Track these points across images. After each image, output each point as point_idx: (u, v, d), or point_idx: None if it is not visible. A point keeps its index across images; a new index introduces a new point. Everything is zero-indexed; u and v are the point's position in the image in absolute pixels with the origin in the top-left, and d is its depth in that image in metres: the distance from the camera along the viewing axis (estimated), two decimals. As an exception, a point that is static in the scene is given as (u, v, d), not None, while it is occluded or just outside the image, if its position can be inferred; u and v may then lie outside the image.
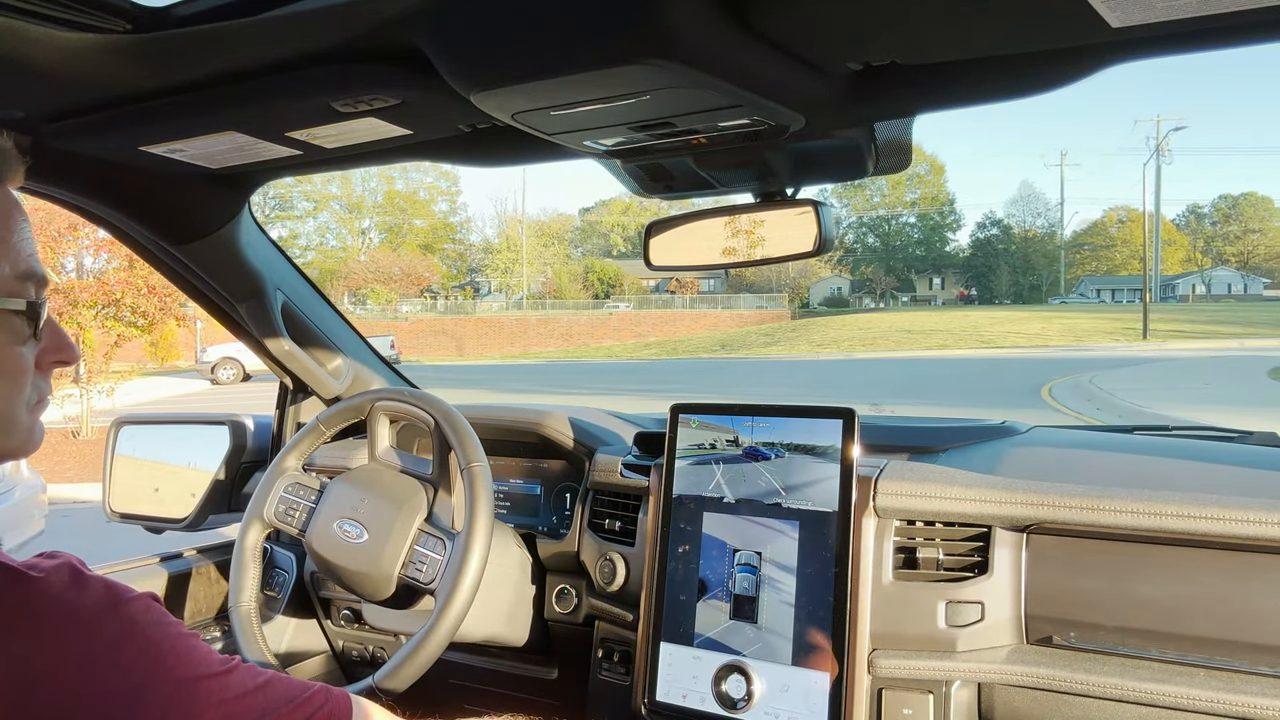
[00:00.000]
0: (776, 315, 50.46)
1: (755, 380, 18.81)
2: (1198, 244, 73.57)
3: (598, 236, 78.63)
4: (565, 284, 61.19)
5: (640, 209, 79.03)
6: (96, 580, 0.75)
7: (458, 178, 67.06)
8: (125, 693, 0.72)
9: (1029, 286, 68.43)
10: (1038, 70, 0.95)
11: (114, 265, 10.80)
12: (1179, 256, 72.36)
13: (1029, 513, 1.20)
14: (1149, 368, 18.30)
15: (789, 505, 1.28)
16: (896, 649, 1.23)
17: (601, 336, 42.33)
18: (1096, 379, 15.37)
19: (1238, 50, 0.92)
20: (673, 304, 54.72)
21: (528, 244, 60.81)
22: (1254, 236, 71.17)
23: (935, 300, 68.58)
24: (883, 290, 67.28)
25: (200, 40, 0.93)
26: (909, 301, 67.94)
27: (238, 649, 1.44)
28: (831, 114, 1.07)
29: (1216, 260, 70.78)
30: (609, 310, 49.39)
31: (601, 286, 63.36)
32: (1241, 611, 1.11)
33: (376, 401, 1.50)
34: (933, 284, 71.06)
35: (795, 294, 64.70)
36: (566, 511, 1.73)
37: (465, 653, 1.76)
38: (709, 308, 52.45)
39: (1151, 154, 47.89)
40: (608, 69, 0.87)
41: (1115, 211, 73.14)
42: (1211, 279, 65.03)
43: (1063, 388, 14.85)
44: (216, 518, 1.89)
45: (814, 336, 34.53)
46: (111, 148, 1.24)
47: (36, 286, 0.79)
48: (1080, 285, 67.28)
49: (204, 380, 20.90)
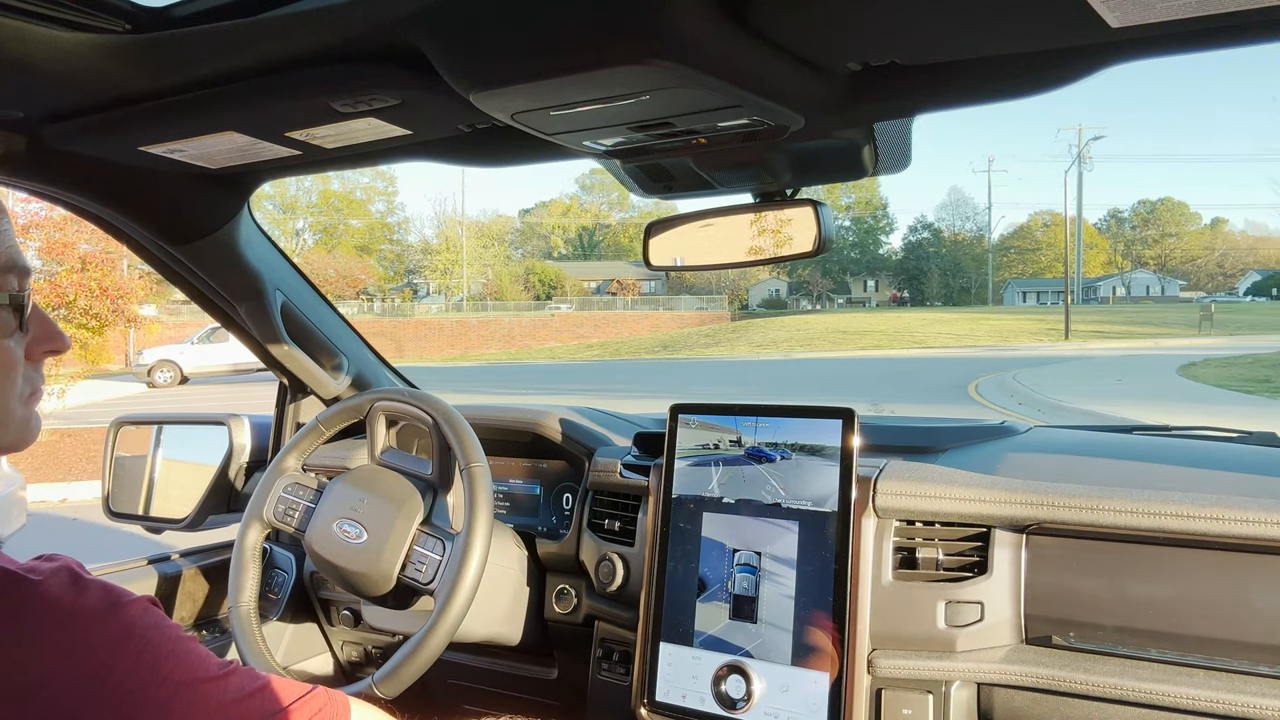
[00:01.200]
0: (716, 316, 50.81)
1: (702, 380, 19.18)
2: (1118, 247, 76.05)
3: (538, 238, 78.51)
4: (506, 285, 60.88)
5: (580, 210, 79.25)
6: (95, 583, 0.75)
7: (394, 177, 66.39)
8: (124, 696, 0.72)
9: (958, 289, 70.23)
10: (1037, 70, 0.95)
11: (65, 267, 10.67)
12: (1100, 259, 74.61)
13: (1028, 513, 1.20)
14: (1069, 366, 19.19)
15: (788, 505, 1.28)
16: (896, 649, 1.23)
17: (544, 338, 42.20)
18: (1019, 376, 16.13)
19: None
20: (614, 305, 54.72)
21: (468, 245, 60.33)
22: (1171, 240, 73.99)
23: (869, 302, 70.03)
24: (819, 292, 68.59)
25: (200, 40, 0.93)
26: (844, 303, 69.17)
27: (237, 650, 1.44)
28: (831, 114, 1.07)
29: (1136, 263, 73.18)
30: (551, 312, 49.14)
31: (543, 288, 63.21)
32: (1241, 611, 1.11)
33: (376, 402, 1.50)
34: (867, 286, 72.57)
35: (735, 296, 65.50)
36: (566, 511, 1.72)
37: (465, 653, 1.75)
38: (650, 309, 52.58)
39: (1073, 160, 49.77)
40: (607, 69, 0.87)
41: (1040, 216, 75.17)
42: (1131, 281, 67.38)
43: (988, 385, 15.58)
44: (216, 518, 1.89)
45: (754, 337, 35.13)
46: (111, 148, 1.24)
47: (19, 278, 0.79)
48: (1007, 287, 69.11)
49: (140, 383, 20.49)
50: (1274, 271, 61.23)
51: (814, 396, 13.62)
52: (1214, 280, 71.22)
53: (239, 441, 1.90)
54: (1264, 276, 62.35)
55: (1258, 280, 62.61)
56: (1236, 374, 15.23)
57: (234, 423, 1.92)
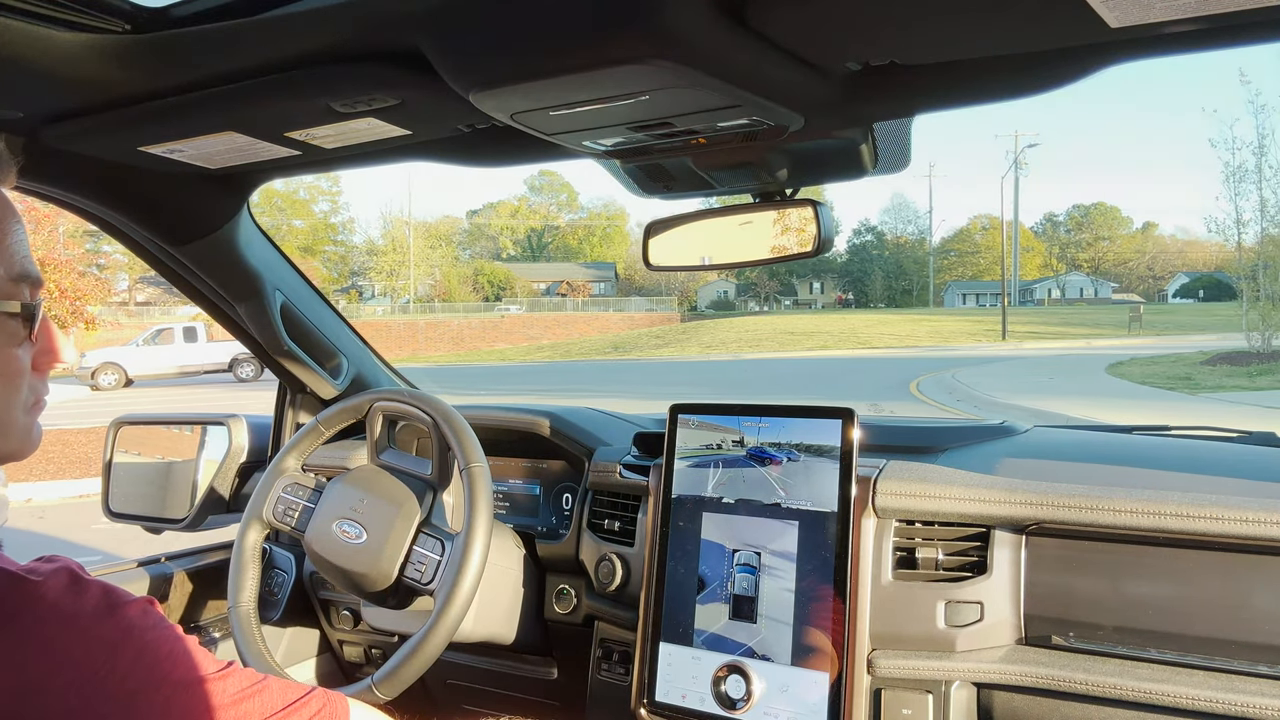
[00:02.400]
0: (666, 318, 51.15)
1: (656, 380, 19.53)
2: (1054, 250, 78.18)
3: (486, 239, 78.16)
4: (454, 286, 60.38)
5: (529, 211, 79.03)
6: (94, 584, 0.75)
7: (339, 177, 65.59)
8: (122, 697, 0.72)
9: (901, 290, 71.63)
10: (1037, 70, 0.95)
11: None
12: (1036, 262, 76.37)
13: (1028, 513, 1.20)
14: (1005, 365, 20.05)
15: (788, 505, 1.28)
16: (896, 649, 1.23)
17: (494, 340, 42.01)
18: (958, 375, 16.91)
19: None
20: (564, 307, 54.78)
21: (415, 246, 59.79)
22: (1104, 244, 76.18)
23: (815, 304, 71.05)
24: (767, 294, 69.51)
25: (199, 40, 0.93)
26: (791, 305, 70.04)
27: (237, 650, 1.43)
28: (831, 114, 1.07)
29: (1070, 266, 75.13)
30: (500, 313, 49.03)
31: (491, 289, 62.85)
32: (1241, 611, 1.11)
33: (375, 402, 1.50)
34: (813, 289, 73.66)
35: (684, 297, 65.97)
36: (566, 512, 1.72)
37: (465, 653, 1.75)
38: (600, 310, 52.78)
39: (1010, 166, 51.27)
40: (607, 69, 0.87)
41: (979, 220, 77.09)
42: (1065, 284, 69.11)
43: (928, 383, 16.25)
44: (215, 518, 1.89)
45: (704, 338, 35.65)
46: (111, 148, 1.24)
47: (31, 288, 0.79)
48: (947, 289, 70.57)
49: (83, 386, 20.12)
50: (1201, 274, 63.20)
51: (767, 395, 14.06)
52: (1144, 283, 73.19)
53: (239, 441, 1.90)
54: (1191, 279, 64.33)
55: (1185, 283, 64.62)
56: (1160, 372, 16.17)
57: (234, 423, 1.92)
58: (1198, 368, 16.46)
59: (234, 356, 22.65)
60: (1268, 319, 16.84)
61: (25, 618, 0.70)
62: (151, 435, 2.00)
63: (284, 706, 0.83)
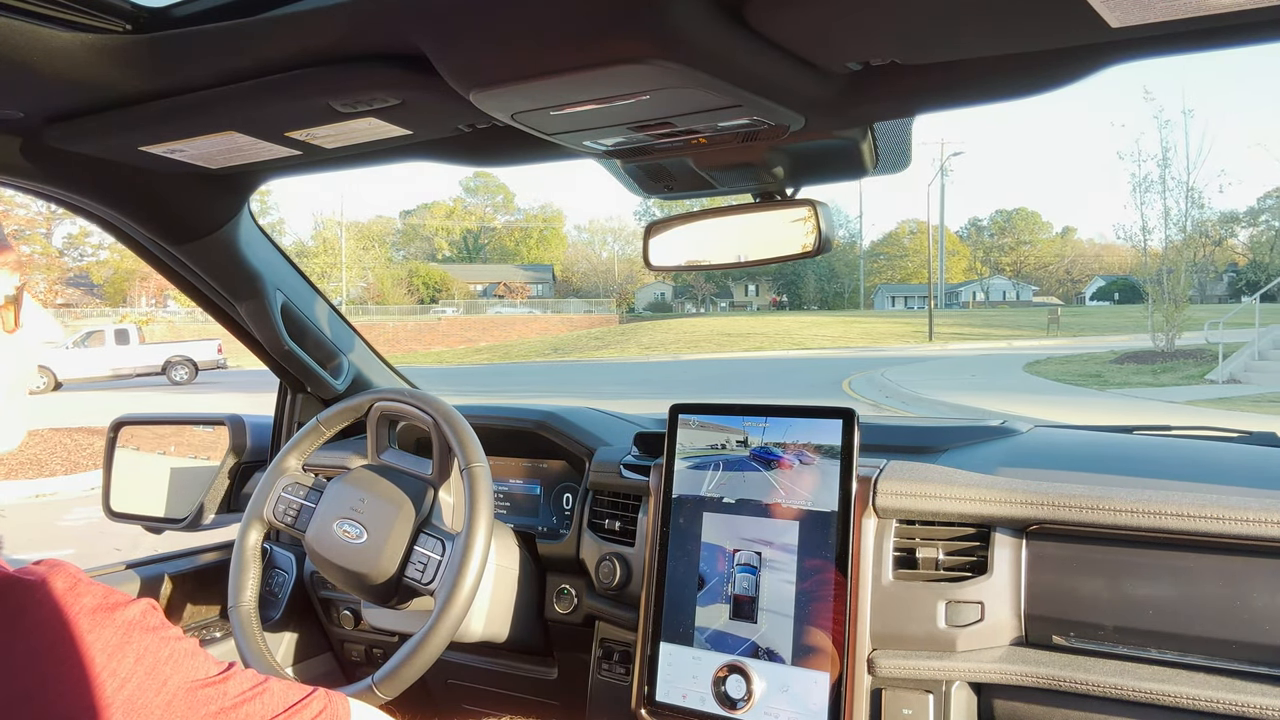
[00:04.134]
0: (605, 319, 51.14)
1: (599, 380, 19.88)
2: (978, 254, 79.96)
3: (421, 240, 77.44)
4: (388, 288, 59.52)
5: (464, 212, 78.45)
6: (94, 587, 0.75)
7: (269, 177, 63.91)
8: (123, 701, 0.72)
9: (833, 293, 72.77)
10: (1038, 70, 0.95)
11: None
12: (962, 266, 78.17)
13: (1028, 513, 1.20)
14: (932, 364, 21.16)
15: (788, 505, 1.28)
16: (896, 649, 1.23)
17: (430, 342, 41.47)
18: (887, 373, 17.83)
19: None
20: (501, 309, 54.82)
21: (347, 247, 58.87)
22: (1025, 248, 78.07)
23: (751, 306, 71.70)
24: (703, 296, 70.25)
25: (200, 40, 0.93)
26: (727, 307, 70.63)
27: (238, 649, 1.43)
28: (831, 114, 1.07)
29: (994, 270, 76.73)
30: (436, 315, 48.54)
31: (427, 291, 62.09)
32: (1241, 611, 1.11)
33: (376, 401, 1.50)
34: (748, 291, 74.50)
35: (622, 299, 66.35)
36: (566, 511, 1.73)
37: (465, 653, 1.75)
38: (539, 312, 52.80)
39: (936, 174, 52.94)
40: (607, 68, 0.87)
41: (907, 224, 78.67)
42: (989, 287, 70.52)
43: (860, 381, 17.10)
44: (216, 518, 1.89)
45: (642, 339, 35.96)
46: (111, 148, 1.24)
47: (13, 272, 0.80)
48: (877, 292, 71.86)
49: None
50: (1116, 278, 64.94)
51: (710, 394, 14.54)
52: (1064, 286, 74.76)
53: (238, 441, 1.91)
54: (1107, 282, 65.90)
55: (1102, 286, 66.38)
56: (1072, 370, 17.19)
57: (234, 423, 1.93)
58: (1107, 366, 17.53)
59: (168, 359, 22.34)
60: (1171, 320, 17.99)
61: (24, 621, 0.70)
62: (151, 435, 2.01)
63: (286, 708, 0.83)
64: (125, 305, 35.28)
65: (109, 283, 34.03)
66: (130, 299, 37.73)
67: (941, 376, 16.96)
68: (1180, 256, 18.85)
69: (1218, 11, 0.77)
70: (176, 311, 41.70)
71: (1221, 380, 14.34)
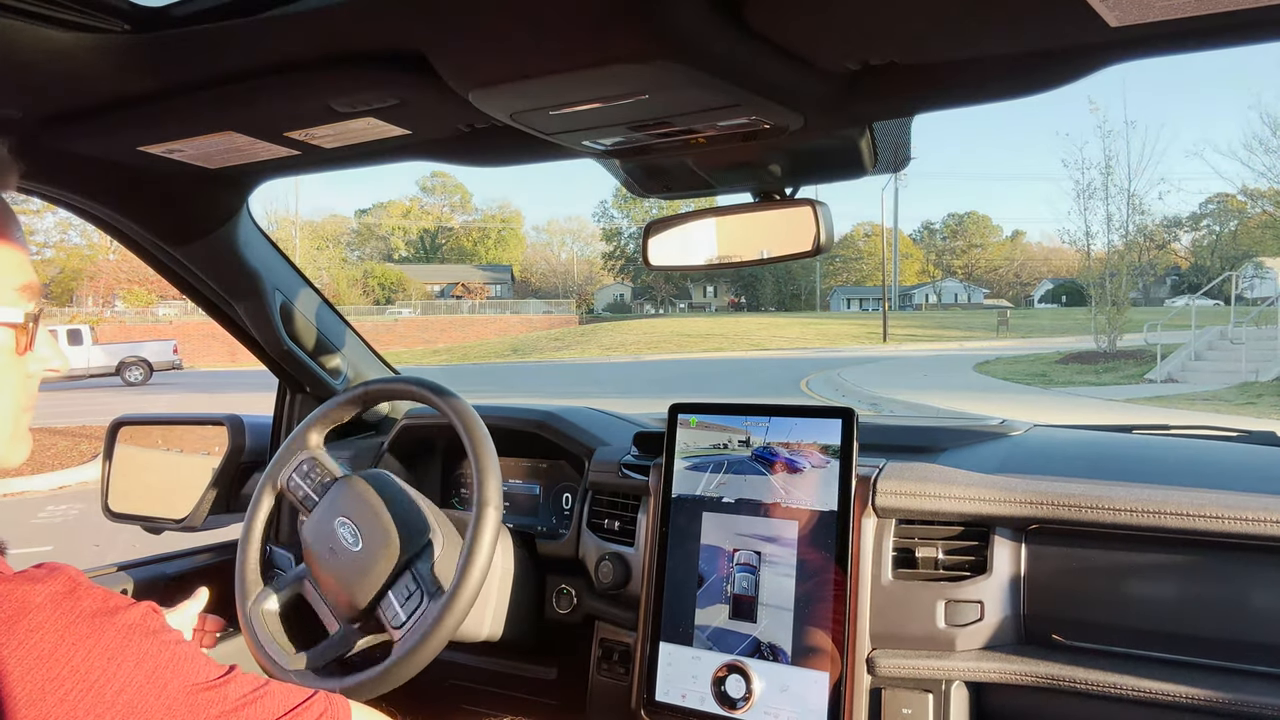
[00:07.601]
0: (565, 320, 51.03)
1: (560, 380, 20.02)
2: (930, 257, 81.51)
3: (377, 239, 76.60)
4: (343, 289, 58.56)
5: (421, 212, 77.75)
6: (94, 590, 0.75)
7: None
8: (123, 704, 0.72)
9: (790, 295, 73.65)
10: (1037, 70, 0.95)
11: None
12: (915, 269, 79.54)
13: (1028, 512, 1.20)
14: (886, 364, 22.00)
15: (788, 505, 1.28)
16: (896, 648, 1.23)
17: (388, 344, 40.79)
18: (843, 373, 18.51)
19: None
20: (459, 309, 54.17)
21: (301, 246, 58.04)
22: (976, 251, 79.77)
23: (709, 307, 72.38)
24: (663, 297, 70.77)
25: (199, 40, 0.93)
26: (686, 308, 71.24)
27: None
28: (830, 114, 1.07)
29: (946, 272, 78.23)
30: (393, 316, 48.03)
31: (383, 292, 61.40)
32: (1241, 610, 1.11)
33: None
34: (707, 292, 75.06)
35: (581, 299, 66.42)
36: (566, 511, 1.73)
37: (465, 653, 1.74)
38: (497, 313, 52.24)
39: (890, 178, 53.82)
40: (606, 68, 0.87)
41: (862, 226, 79.38)
42: (942, 289, 71.62)
43: (817, 381, 17.69)
44: (215, 518, 1.88)
45: (602, 340, 36.16)
46: (110, 148, 1.24)
47: (33, 296, 0.80)
48: (834, 294, 72.78)
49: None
50: (1064, 281, 66.12)
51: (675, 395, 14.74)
52: (1014, 288, 76.08)
53: (238, 441, 1.90)
54: (1055, 285, 67.18)
55: (1050, 288, 67.77)
56: (1020, 370, 17.98)
57: (234, 423, 1.92)
58: (1053, 366, 18.30)
59: (121, 360, 22.04)
60: (1113, 322, 18.68)
61: (25, 623, 0.70)
62: (150, 435, 2.01)
63: (286, 711, 0.83)
64: (71, 305, 34.46)
65: (55, 282, 33.19)
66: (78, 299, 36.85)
67: (895, 376, 17.50)
68: (1122, 260, 19.55)
69: (1217, 11, 0.77)
70: (125, 312, 40.87)
71: (1160, 379, 15.00)
